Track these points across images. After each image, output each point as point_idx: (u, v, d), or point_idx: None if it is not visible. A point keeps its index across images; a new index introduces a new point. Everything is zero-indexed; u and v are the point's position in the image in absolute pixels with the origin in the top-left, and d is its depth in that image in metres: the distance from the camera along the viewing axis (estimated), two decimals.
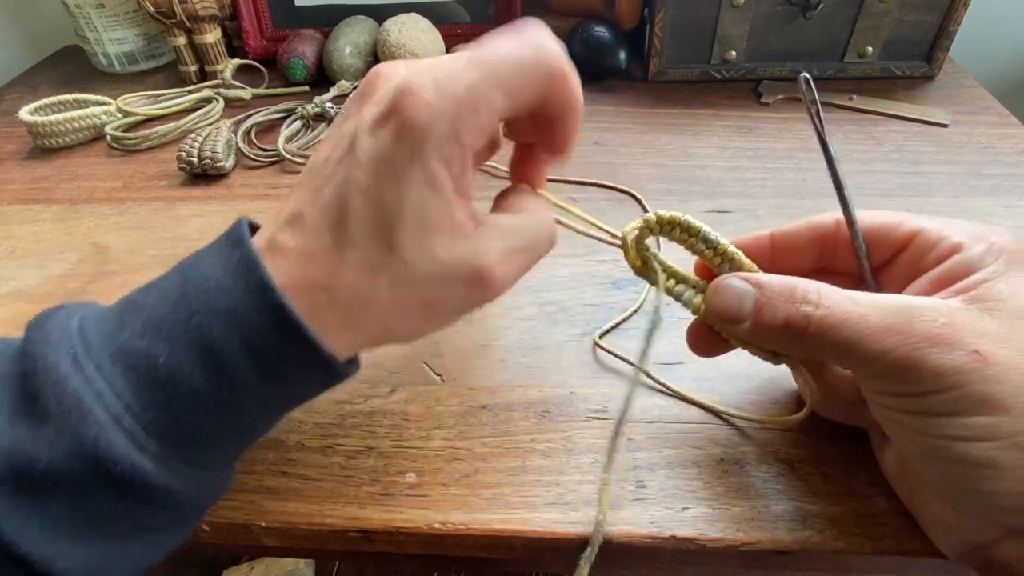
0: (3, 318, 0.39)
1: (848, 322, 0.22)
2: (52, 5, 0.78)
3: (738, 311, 0.25)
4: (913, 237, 0.26)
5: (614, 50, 0.60)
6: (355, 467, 0.30)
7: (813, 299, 0.23)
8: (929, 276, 0.24)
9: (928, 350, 0.21)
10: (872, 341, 0.22)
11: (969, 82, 0.60)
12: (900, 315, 0.22)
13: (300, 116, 0.57)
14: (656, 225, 0.27)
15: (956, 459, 0.22)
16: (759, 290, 0.25)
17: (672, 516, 0.27)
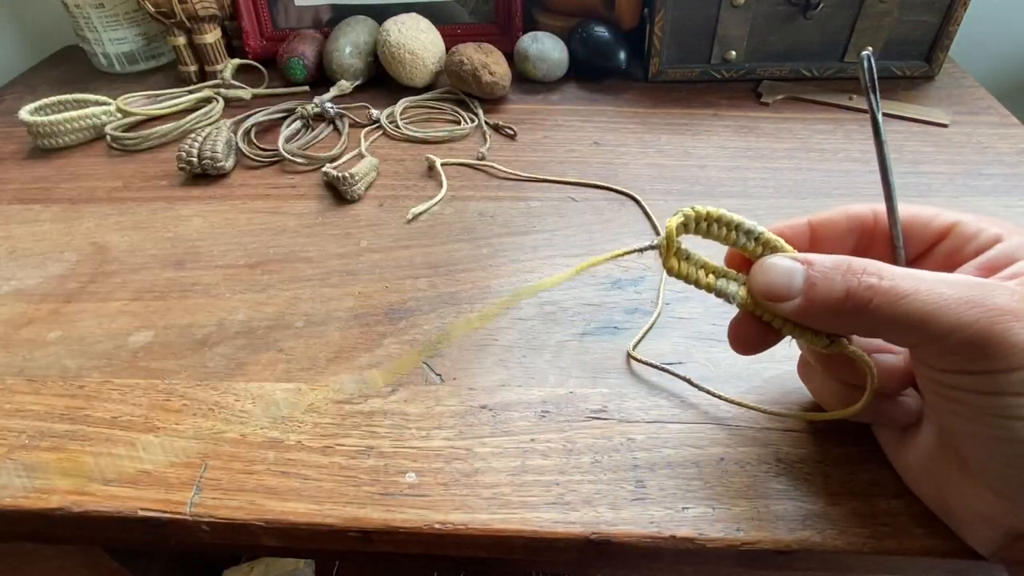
0: (3, 318, 0.39)
1: (919, 293, 0.21)
2: (52, 5, 0.78)
3: (787, 288, 0.24)
4: (951, 228, 0.25)
5: (614, 50, 0.60)
6: (355, 467, 0.30)
7: (874, 270, 0.22)
8: (974, 264, 0.24)
9: (1011, 324, 0.20)
10: (948, 313, 0.21)
11: (969, 82, 0.60)
12: (975, 289, 0.21)
13: (300, 116, 0.57)
14: (694, 222, 0.26)
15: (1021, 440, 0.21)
16: (809, 266, 0.24)
17: (672, 516, 0.27)
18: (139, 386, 0.34)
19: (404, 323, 0.37)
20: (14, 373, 0.35)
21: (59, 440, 0.31)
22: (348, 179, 0.47)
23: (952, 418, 0.23)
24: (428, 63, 0.60)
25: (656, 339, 0.35)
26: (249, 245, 0.44)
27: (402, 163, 0.52)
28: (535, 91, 0.62)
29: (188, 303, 0.39)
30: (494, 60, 0.58)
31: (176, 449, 0.31)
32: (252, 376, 0.34)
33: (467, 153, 0.53)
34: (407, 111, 0.59)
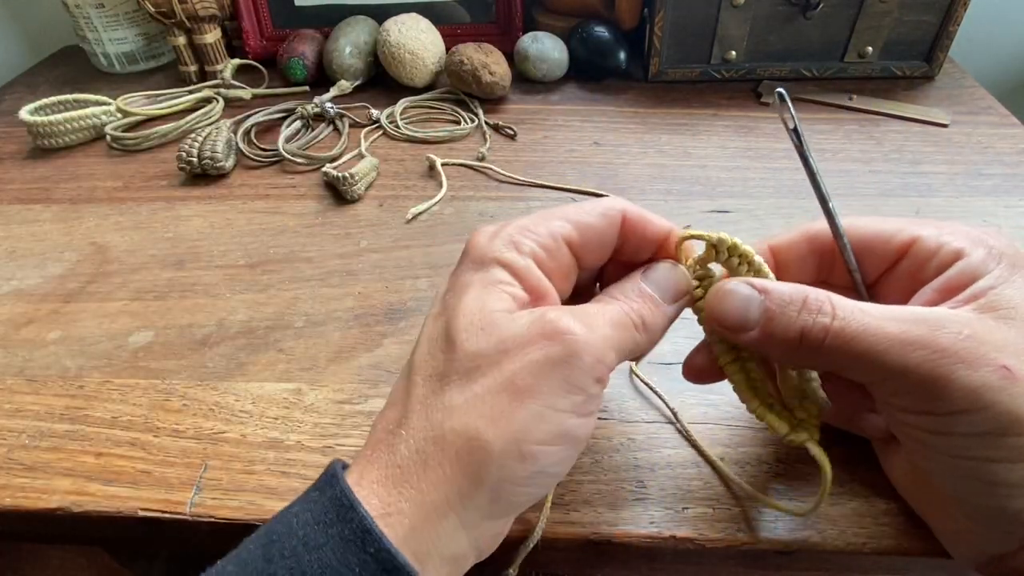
0: (3, 318, 0.39)
1: (867, 333, 0.21)
2: (52, 5, 0.78)
3: (743, 319, 0.23)
4: (910, 245, 0.24)
5: (614, 50, 0.60)
6: None
7: (828, 309, 0.22)
8: (933, 286, 0.23)
9: (956, 366, 0.20)
10: (895, 355, 0.20)
11: (969, 82, 0.60)
12: (921, 327, 0.20)
13: (300, 116, 0.57)
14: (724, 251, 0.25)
15: (983, 479, 0.21)
16: (766, 296, 0.23)
17: (672, 516, 0.27)
18: (139, 386, 0.34)
19: (404, 323, 0.37)
20: (14, 373, 0.35)
21: (59, 440, 0.31)
22: (348, 179, 0.47)
23: (913, 451, 0.24)
24: (428, 63, 0.60)
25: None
26: (249, 245, 0.44)
27: (402, 163, 0.52)
28: (535, 91, 0.62)
29: (188, 303, 0.39)
30: (494, 60, 0.58)
31: (176, 449, 0.31)
32: (252, 376, 0.34)
33: (467, 153, 0.53)
34: (407, 111, 0.59)
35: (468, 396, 0.21)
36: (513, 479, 0.21)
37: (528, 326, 0.21)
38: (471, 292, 0.23)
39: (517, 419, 0.20)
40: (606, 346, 0.22)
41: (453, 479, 0.20)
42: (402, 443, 0.21)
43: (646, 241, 0.26)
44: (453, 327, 0.22)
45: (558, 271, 0.24)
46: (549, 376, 0.21)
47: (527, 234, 0.24)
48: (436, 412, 0.21)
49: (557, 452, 0.21)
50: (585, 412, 0.22)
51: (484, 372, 0.21)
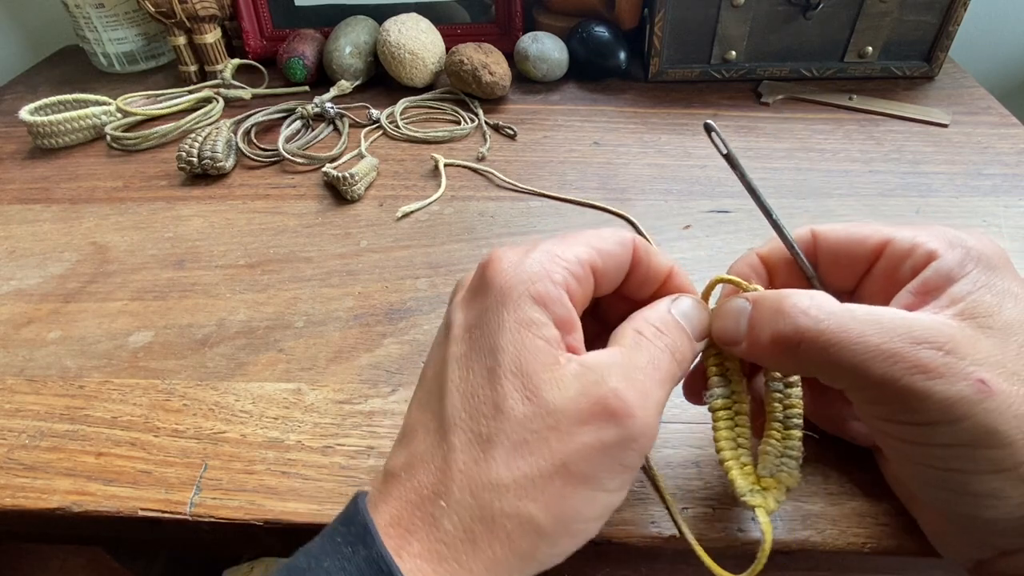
0: (3, 318, 0.39)
1: (846, 343, 0.21)
2: (52, 5, 0.78)
3: (735, 331, 0.23)
4: (883, 248, 0.24)
5: (614, 50, 0.60)
6: (355, 467, 0.30)
7: (810, 313, 0.21)
8: (909, 288, 0.23)
9: (934, 380, 0.20)
10: (873, 366, 0.20)
11: (969, 82, 0.60)
12: (900, 337, 0.20)
13: (300, 116, 0.57)
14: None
15: (958, 489, 0.21)
16: (753, 307, 0.23)
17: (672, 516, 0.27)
18: (139, 386, 0.34)
19: (404, 323, 0.37)
20: (14, 373, 0.35)
21: (59, 440, 0.31)
22: (348, 179, 0.47)
23: (892, 459, 0.24)
24: (428, 63, 0.60)
25: None
26: (249, 245, 0.44)
27: (402, 163, 0.52)
28: (535, 91, 0.62)
29: (188, 303, 0.39)
30: (494, 60, 0.58)
31: (176, 449, 0.31)
32: (252, 376, 0.34)
33: (467, 153, 0.53)
34: (407, 111, 0.59)
35: (518, 476, 0.19)
36: (561, 554, 0.21)
37: (579, 397, 0.20)
38: (507, 338, 0.21)
39: (569, 504, 0.20)
40: (658, 414, 0.21)
41: (504, 560, 0.19)
42: (445, 518, 0.19)
43: (650, 275, 0.25)
44: (497, 389, 0.20)
45: (583, 299, 0.23)
46: (603, 460, 0.20)
47: (557, 261, 0.22)
48: (483, 491, 0.19)
49: (600, 524, 0.22)
50: (629, 481, 0.22)
51: (533, 449, 0.20)
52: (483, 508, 0.19)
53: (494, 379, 0.20)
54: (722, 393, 0.25)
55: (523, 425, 0.20)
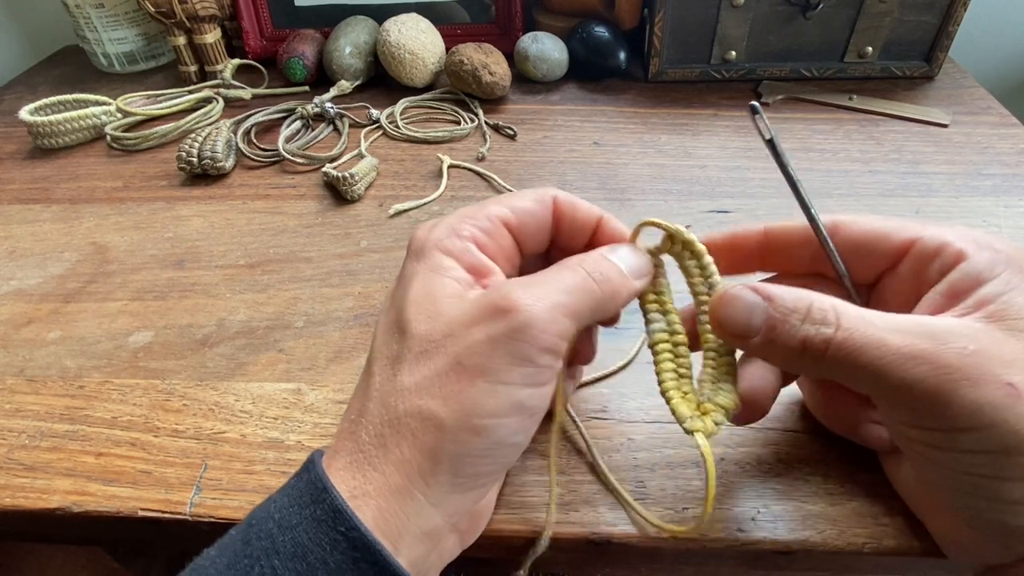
0: (3, 318, 0.39)
1: (870, 346, 0.20)
2: (52, 5, 0.78)
3: (747, 325, 0.22)
4: (910, 246, 0.24)
5: (614, 50, 0.60)
6: None
7: (832, 319, 0.21)
8: (938, 290, 0.23)
9: (960, 383, 0.19)
10: (897, 369, 0.20)
11: (969, 82, 0.60)
12: (925, 341, 0.20)
13: (300, 116, 0.57)
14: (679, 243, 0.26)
15: (987, 496, 0.21)
16: (770, 303, 0.22)
17: (672, 516, 0.27)
18: (139, 386, 0.34)
19: None
20: (14, 373, 0.35)
21: (59, 440, 0.31)
22: (348, 179, 0.47)
23: (916, 465, 0.24)
24: (428, 63, 0.60)
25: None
26: (249, 245, 0.44)
27: (402, 163, 0.52)
28: (535, 91, 0.62)
29: (188, 303, 0.39)
30: (494, 60, 0.58)
31: (176, 449, 0.31)
32: (252, 376, 0.34)
33: (467, 153, 0.53)
34: (407, 111, 0.59)
35: (418, 378, 0.21)
36: (470, 453, 0.21)
37: (473, 306, 0.22)
38: (417, 281, 0.23)
39: (467, 396, 0.21)
40: (556, 314, 0.22)
41: (412, 459, 0.21)
42: (362, 430, 0.21)
43: (577, 225, 0.26)
44: (403, 316, 0.23)
45: (500, 253, 0.25)
46: (495, 353, 0.21)
47: (465, 220, 0.24)
48: (390, 398, 0.21)
49: (511, 423, 0.22)
50: (537, 382, 0.22)
51: (432, 355, 0.21)
52: (390, 412, 0.21)
53: (403, 311, 0.23)
54: (660, 328, 0.26)
55: (424, 339, 0.22)
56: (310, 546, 0.19)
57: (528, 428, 0.23)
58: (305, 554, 0.19)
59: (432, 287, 0.23)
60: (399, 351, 0.22)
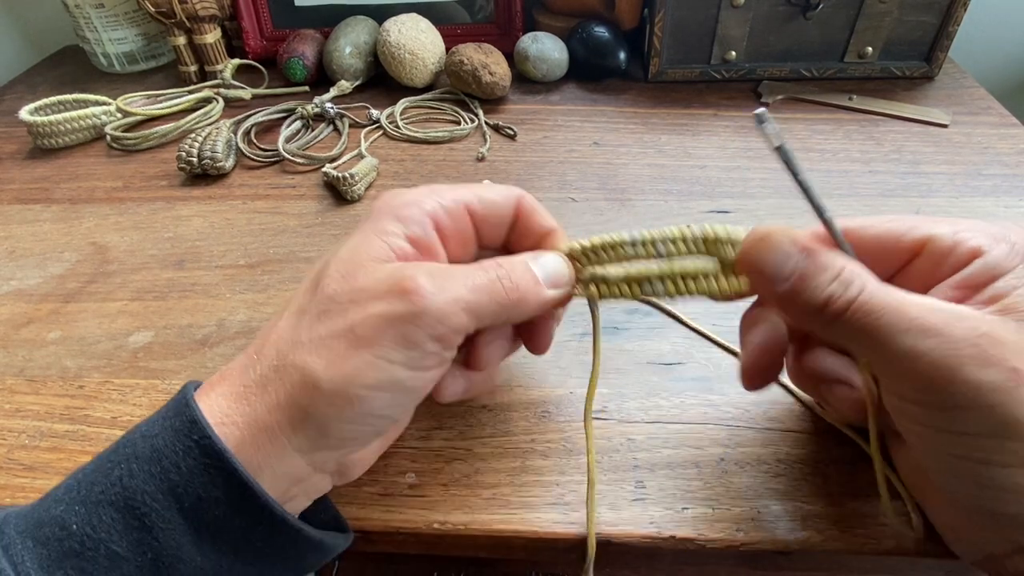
0: (3, 318, 0.39)
1: (887, 310, 0.21)
2: (52, 5, 0.78)
3: (778, 271, 0.23)
4: (924, 244, 0.24)
5: (614, 50, 0.60)
6: None
7: (859, 284, 0.21)
8: (951, 283, 0.23)
9: (965, 361, 0.19)
10: (908, 336, 0.20)
11: (969, 82, 0.60)
12: (940, 316, 0.20)
13: (300, 116, 0.57)
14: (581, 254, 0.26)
15: (981, 482, 0.21)
16: (809, 257, 0.22)
17: (672, 516, 0.27)
18: (139, 386, 0.34)
19: None
20: (14, 373, 0.35)
21: (59, 440, 0.31)
22: (348, 179, 0.47)
23: (915, 446, 0.23)
24: (428, 63, 0.60)
25: (656, 339, 0.35)
26: (249, 245, 0.44)
27: (402, 163, 0.52)
28: (535, 91, 0.62)
29: (188, 303, 0.39)
30: (494, 60, 0.58)
31: None
32: None
33: (467, 153, 0.53)
34: (407, 111, 0.59)
35: (313, 336, 0.22)
36: (339, 418, 0.22)
37: (383, 278, 0.22)
38: (353, 239, 0.24)
39: (349, 363, 0.21)
40: (455, 308, 0.22)
41: (284, 408, 0.21)
42: (252, 368, 0.22)
43: (532, 231, 0.27)
44: (324, 271, 0.23)
45: (456, 236, 0.25)
46: (387, 331, 0.21)
47: (432, 195, 0.25)
48: (285, 345, 0.22)
49: (385, 398, 0.22)
50: (420, 367, 0.22)
51: (333, 316, 0.22)
52: (280, 359, 0.22)
53: (327, 266, 0.24)
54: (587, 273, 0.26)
55: (331, 299, 0.22)
56: (166, 451, 0.20)
57: (404, 404, 0.23)
58: (160, 458, 0.20)
59: (361, 249, 0.23)
60: (307, 305, 0.23)
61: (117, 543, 0.19)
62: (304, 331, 0.22)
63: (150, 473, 0.20)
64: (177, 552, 0.20)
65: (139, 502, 0.20)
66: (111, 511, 0.20)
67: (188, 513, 0.20)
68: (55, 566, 0.19)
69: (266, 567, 0.22)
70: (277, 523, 0.21)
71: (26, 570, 0.19)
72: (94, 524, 0.19)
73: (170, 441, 0.20)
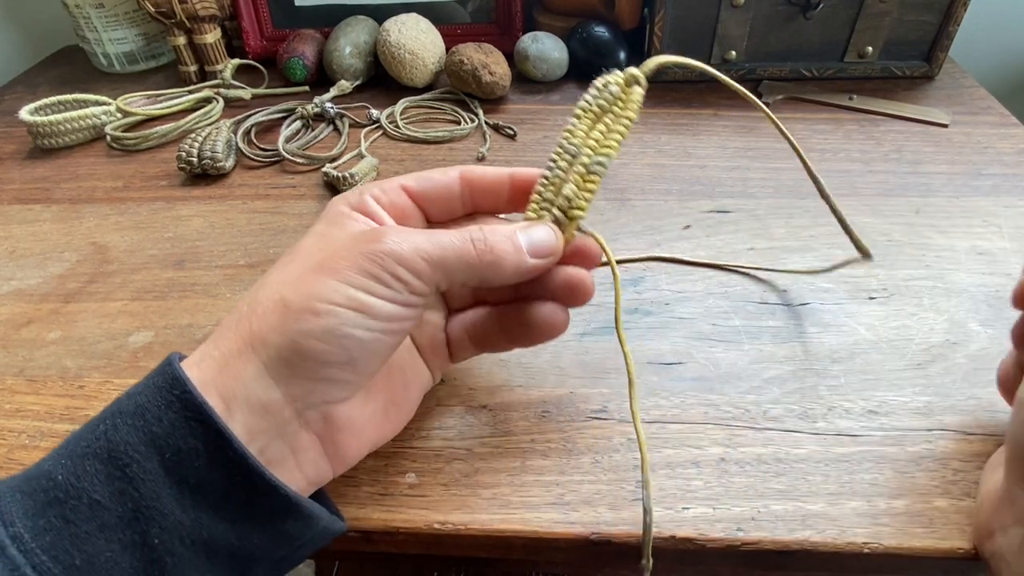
0: (3, 318, 0.39)
1: None
2: (52, 5, 0.78)
3: None
4: None
5: (614, 50, 0.60)
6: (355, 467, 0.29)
7: None
8: None
9: None
10: None
11: (969, 82, 0.60)
12: None
13: (300, 116, 0.57)
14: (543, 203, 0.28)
15: None
16: None
17: (672, 516, 0.27)
18: None
19: None
20: (14, 373, 0.35)
21: (59, 440, 0.31)
22: (348, 179, 0.47)
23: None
24: (428, 63, 0.60)
25: (656, 339, 0.35)
26: (249, 245, 0.44)
27: (402, 163, 0.52)
28: (535, 91, 0.62)
29: (188, 303, 0.39)
30: (494, 60, 0.58)
31: None
32: None
33: (467, 153, 0.53)
34: (407, 111, 0.59)
35: (283, 275, 0.24)
36: (309, 332, 0.22)
37: (354, 232, 0.25)
38: (318, 226, 0.26)
39: (315, 285, 0.23)
40: (416, 256, 0.23)
41: (258, 332, 0.22)
42: (227, 319, 0.24)
43: (489, 189, 0.29)
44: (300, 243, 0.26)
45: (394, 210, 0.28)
46: (352, 262, 0.23)
47: (369, 186, 0.28)
48: (258, 288, 0.24)
49: (350, 315, 0.22)
50: (384, 296, 0.23)
51: (303, 259, 0.24)
52: (253, 298, 0.24)
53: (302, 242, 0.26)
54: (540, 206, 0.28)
55: (306, 251, 0.25)
56: (148, 406, 0.21)
57: (370, 328, 0.23)
58: (143, 413, 0.21)
59: (331, 228, 0.26)
60: (284, 257, 0.25)
61: (99, 492, 0.20)
62: (275, 274, 0.24)
63: (133, 426, 0.21)
64: (157, 504, 0.20)
65: (121, 452, 0.20)
66: (95, 462, 0.20)
67: (168, 465, 0.20)
68: (39, 514, 0.20)
69: (246, 529, 0.22)
70: (254, 476, 0.21)
71: (11, 518, 0.19)
72: (78, 474, 0.20)
73: (153, 397, 0.21)
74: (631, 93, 0.28)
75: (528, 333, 0.28)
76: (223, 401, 0.22)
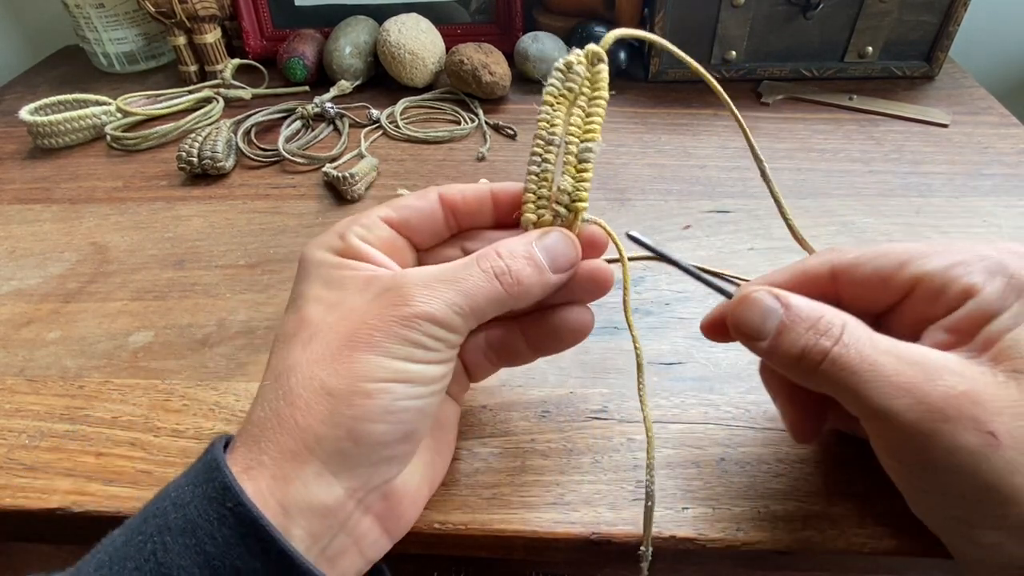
0: (3, 318, 0.39)
1: (862, 367, 0.20)
2: (52, 5, 0.78)
3: (760, 328, 0.23)
4: (916, 285, 0.23)
5: (614, 50, 0.60)
6: None
7: (835, 333, 0.21)
8: (943, 324, 0.22)
9: (940, 424, 0.19)
10: (883, 396, 0.20)
11: (969, 82, 0.60)
12: (917, 372, 0.20)
13: (300, 116, 0.57)
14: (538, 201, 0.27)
15: (961, 535, 0.21)
16: (786, 311, 0.22)
17: (672, 516, 0.27)
18: (139, 386, 0.34)
19: None
20: (14, 373, 0.35)
21: (59, 440, 0.31)
22: (348, 179, 0.47)
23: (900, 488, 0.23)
24: (428, 63, 0.60)
25: (656, 339, 0.35)
26: (249, 245, 0.44)
27: (402, 163, 0.52)
28: (535, 91, 0.62)
29: (188, 303, 0.39)
30: (494, 60, 0.58)
31: (176, 449, 0.31)
32: (252, 376, 0.34)
33: (467, 153, 0.53)
34: (407, 111, 0.59)
35: (309, 354, 0.22)
36: (364, 416, 0.21)
37: (370, 293, 0.23)
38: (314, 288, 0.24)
39: (354, 366, 0.21)
40: (450, 313, 0.22)
41: (307, 426, 0.21)
42: (259, 408, 0.22)
43: (472, 207, 0.27)
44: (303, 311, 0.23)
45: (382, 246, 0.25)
46: (386, 333, 0.22)
47: (347, 223, 0.25)
48: (283, 374, 0.22)
49: (399, 388, 0.21)
50: (426, 360, 0.22)
51: (326, 334, 0.22)
52: (283, 387, 0.22)
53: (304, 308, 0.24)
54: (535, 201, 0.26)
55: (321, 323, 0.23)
56: (199, 522, 0.19)
57: (422, 395, 0.22)
58: (195, 529, 0.19)
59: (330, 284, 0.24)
60: (295, 332, 0.23)
61: None
62: (298, 354, 0.22)
63: (185, 546, 0.19)
64: None
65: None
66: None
67: None
68: None
69: None
70: None
71: None
72: None
73: (203, 511, 0.20)
74: (598, 72, 0.27)
75: (557, 341, 0.27)
76: (282, 509, 0.20)
